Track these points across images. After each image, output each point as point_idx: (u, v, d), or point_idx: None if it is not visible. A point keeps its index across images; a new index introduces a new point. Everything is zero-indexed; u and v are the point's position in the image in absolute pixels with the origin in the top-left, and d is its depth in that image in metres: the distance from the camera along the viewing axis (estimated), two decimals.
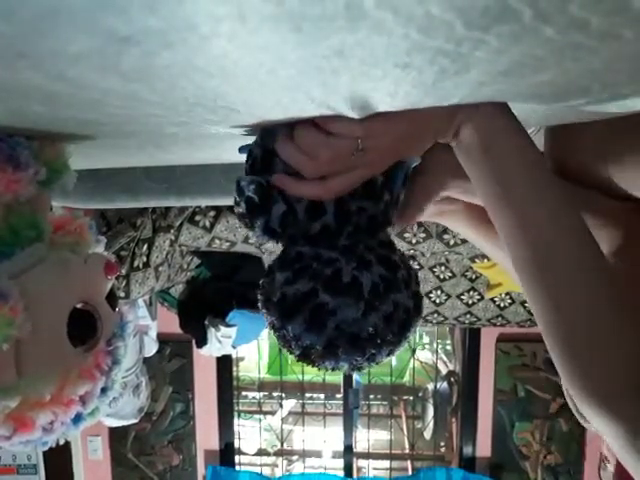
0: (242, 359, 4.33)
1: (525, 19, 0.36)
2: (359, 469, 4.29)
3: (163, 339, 3.28)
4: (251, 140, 0.85)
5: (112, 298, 0.81)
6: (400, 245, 1.91)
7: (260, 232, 0.82)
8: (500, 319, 2.70)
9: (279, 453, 4.59)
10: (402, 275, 0.81)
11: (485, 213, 1.20)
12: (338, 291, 0.76)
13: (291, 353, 0.81)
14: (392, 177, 0.83)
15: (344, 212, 0.79)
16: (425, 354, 5.01)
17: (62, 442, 0.78)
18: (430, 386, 4.44)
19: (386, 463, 4.37)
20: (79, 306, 0.74)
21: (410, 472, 4.21)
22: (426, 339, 5.19)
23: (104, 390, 0.82)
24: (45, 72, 0.46)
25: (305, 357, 0.79)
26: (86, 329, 0.75)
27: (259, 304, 0.83)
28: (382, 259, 0.80)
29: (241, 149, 0.88)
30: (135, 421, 2.81)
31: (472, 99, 0.63)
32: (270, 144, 0.79)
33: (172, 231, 1.94)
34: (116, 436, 3.76)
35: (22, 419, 0.69)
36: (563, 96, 0.60)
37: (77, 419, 0.78)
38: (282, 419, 4.58)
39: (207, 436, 3.84)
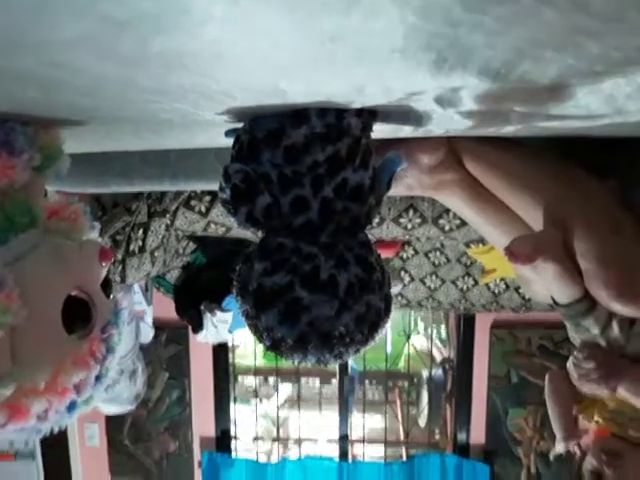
0: (238, 346, 4.34)
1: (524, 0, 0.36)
2: (354, 455, 4.31)
3: (159, 325, 3.27)
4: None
5: (107, 285, 0.81)
6: (395, 231, 1.91)
7: (242, 220, 0.83)
8: (495, 305, 2.70)
9: (275, 439, 4.61)
10: (377, 277, 0.82)
11: (482, 189, 1.29)
12: (315, 288, 0.77)
13: (261, 342, 0.82)
14: (379, 182, 0.85)
15: (329, 210, 0.80)
16: (420, 341, 5.02)
17: (56, 430, 0.78)
18: (425, 372, 4.45)
19: (381, 450, 4.39)
20: (74, 293, 0.74)
21: (405, 458, 4.23)
22: (421, 326, 5.20)
23: (98, 378, 0.81)
24: (41, 58, 0.45)
25: (275, 348, 0.80)
26: (81, 316, 0.75)
27: (234, 290, 0.84)
28: (360, 260, 0.81)
29: (227, 133, 0.88)
30: (132, 408, 2.81)
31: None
32: (258, 132, 0.79)
33: (168, 216, 1.93)
34: (113, 423, 3.76)
35: (16, 407, 0.69)
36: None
37: (71, 407, 0.78)
38: (278, 406, 4.59)
39: (203, 423, 3.85)
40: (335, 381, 4.37)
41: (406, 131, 0.99)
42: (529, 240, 1.21)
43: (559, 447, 1.52)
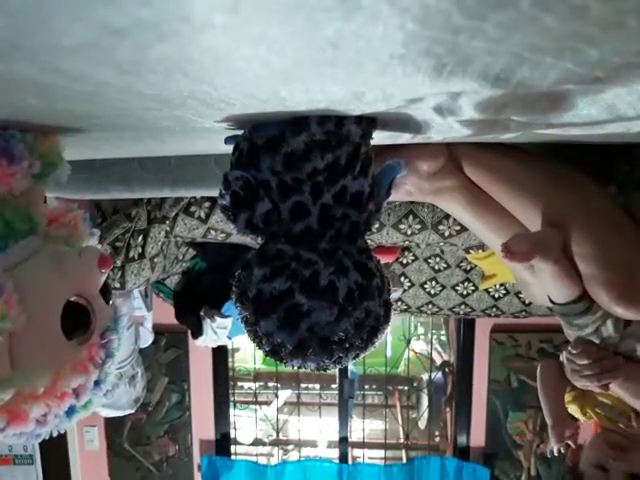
0: (237, 350, 4.33)
1: (523, 6, 0.36)
2: (354, 458, 4.31)
3: (159, 330, 3.27)
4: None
5: (106, 291, 0.81)
6: (395, 236, 1.91)
7: (242, 226, 0.83)
8: (494, 310, 2.70)
9: (275, 443, 4.61)
10: (376, 283, 0.82)
11: (481, 194, 1.31)
12: (314, 294, 0.77)
13: (260, 348, 0.82)
14: (378, 188, 0.85)
15: (328, 217, 0.80)
16: (420, 344, 5.01)
17: (55, 435, 0.78)
18: (425, 376, 4.46)
19: (381, 452, 4.38)
20: (73, 299, 0.74)
21: (405, 461, 4.23)
22: (421, 330, 5.19)
23: (97, 383, 0.82)
24: (39, 65, 0.45)
25: (274, 354, 0.81)
26: (80, 322, 0.75)
27: (233, 297, 0.84)
28: (359, 266, 0.81)
29: (227, 140, 0.89)
30: (131, 412, 2.80)
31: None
32: (258, 139, 0.79)
33: (167, 222, 1.93)
34: (112, 426, 3.76)
35: (16, 411, 0.69)
36: None
37: (70, 412, 0.78)
38: (278, 409, 4.59)
39: (203, 426, 3.85)
40: (335, 386, 4.37)
41: (405, 138, 0.99)
42: (526, 238, 1.21)
43: (555, 446, 1.52)
